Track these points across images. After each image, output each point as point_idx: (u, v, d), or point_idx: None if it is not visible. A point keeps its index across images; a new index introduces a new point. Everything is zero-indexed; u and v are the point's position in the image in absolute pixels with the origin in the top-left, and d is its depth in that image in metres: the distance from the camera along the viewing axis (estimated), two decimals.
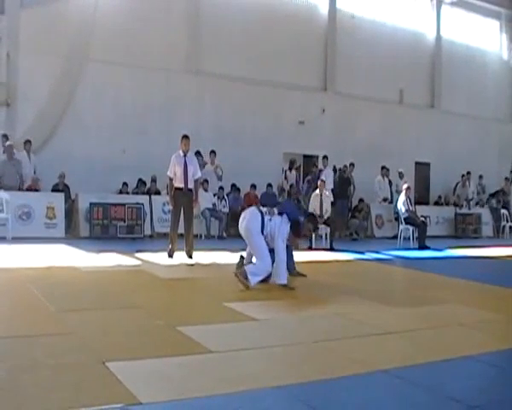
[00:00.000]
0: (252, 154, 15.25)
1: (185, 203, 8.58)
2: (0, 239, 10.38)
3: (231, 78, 15.24)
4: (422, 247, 12.38)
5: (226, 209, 13.50)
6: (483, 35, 20.88)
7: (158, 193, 13.25)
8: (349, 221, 14.81)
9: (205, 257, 8.95)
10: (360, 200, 15.02)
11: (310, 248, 11.32)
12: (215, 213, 13.12)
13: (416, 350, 4.12)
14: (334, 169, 14.95)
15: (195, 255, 8.56)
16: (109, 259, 8.58)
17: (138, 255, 9.04)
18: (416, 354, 3.99)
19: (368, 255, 10.79)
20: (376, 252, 11.36)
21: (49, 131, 13.14)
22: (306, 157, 16.89)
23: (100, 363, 3.44)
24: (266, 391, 3.14)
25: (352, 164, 15.38)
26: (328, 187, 12.89)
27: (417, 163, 18.85)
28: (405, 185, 13.49)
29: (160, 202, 12.70)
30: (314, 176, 14.35)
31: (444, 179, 19.00)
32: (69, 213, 12.17)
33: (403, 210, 13.06)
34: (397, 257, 10.85)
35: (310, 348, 4.06)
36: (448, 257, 11.47)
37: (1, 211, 10.79)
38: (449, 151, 19.26)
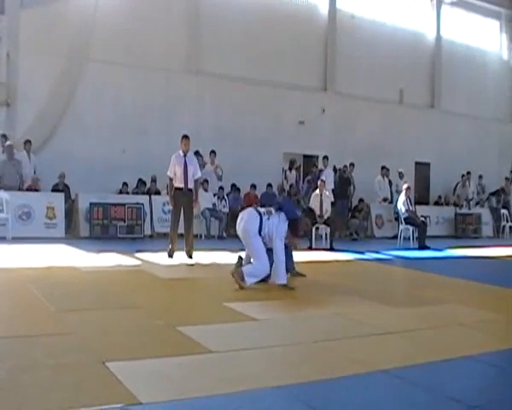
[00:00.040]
0: (252, 154, 15.25)
1: (185, 203, 8.58)
2: (0, 239, 10.39)
3: (231, 78, 15.24)
4: (422, 247, 12.38)
5: (226, 209, 13.50)
6: (483, 35, 20.88)
7: (158, 193, 13.26)
8: (349, 221, 14.81)
9: (205, 257, 8.95)
10: (360, 200, 15.02)
11: (310, 248, 11.33)
12: (215, 213, 13.13)
13: (416, 350, 4.12)
14: (334, 169, 14.96)
15: (195, 255, 8.56)
16: (109, 259, 8.58)
17: (138, 255, 9.04)
18: (416, 354, 3.98)
19: (368, 255, 10.79)
20: (376, 252, 11.36)
21: (49, 131, 13.14)
22: (306, 157, 16.90)
23: (100, 363, 3.44)
24: (266, 391, 3.13)
25: (352, 164, 15.39)
26: (328, 187, 12.89)
27: (417, 163, 18.86)
28: (405, 185, 13.49)
29: (160, 202, 12.70)
30: (314, 176, 14.36)
31: (444, 179, 19.00)
32: (69, 213, 12.17)
33: (403, 210, 13.06)
34: (397, 257, 10.84)
35: (310, 348, 4.06)
36: (448, 257, 11.47)
37: (1, 211, 10.78)
38: (449, 151, 19.27)
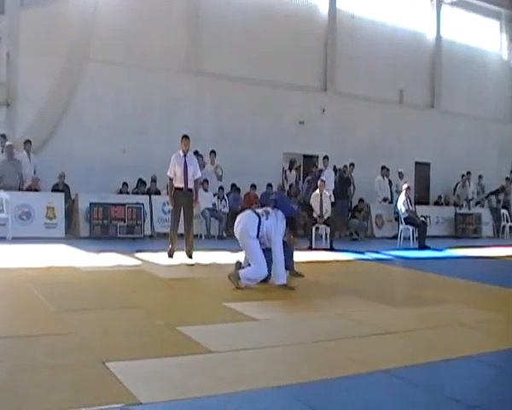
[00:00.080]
0: (252, 154, 15.25)
1: (185, 203, 8.58)
2: (0, 239, 10.38)
3: (231, 78, 15.24)
4: (422, 247, 12.38)
5: (226, 209, 13.50)
6: (483, 35, 20.88)
7: (158, 193, 13.26)
8: (349, 221, 14.81)
9: (205, 257, 8.94)
10: (360, 200, 15.02)
11: (310, 248, 11.33)
12: (215, 213, 13.12)
13: (416, 350, 4.12)
14: (334, 169, 14.95)
15: (195, 255, 8.56)
16: (109, 259, 8.58)
17: (138, 255, 9.03)
18: (416, 354, 3.98)
19: (368, 255, 10.79)
20: (376, 252, 11.36)
21: (49, 131, 13.14)
22: (306, 157, 16.90)
23: (100, 363, 3.44)
24: (266, 391, 3.13)
25: (352, 164, 15.39)
26: (328, 187, 12.89)
27: (417, 163, 18.86)
28: (405, 185, 13.48)
29: (160, 202, 12.70)
30: (314, 176, 14.35)
31: (444, 179, 19.00)
32: (69, 213, 12.17)
33: (403, 210, 13.05)
34: (397, 257, 10.84)
35: (310, 348, 4.06)
36: (448, 257, 11.47)
37: (1, 211, 10.78)
38: (449, 151, 19.27)
